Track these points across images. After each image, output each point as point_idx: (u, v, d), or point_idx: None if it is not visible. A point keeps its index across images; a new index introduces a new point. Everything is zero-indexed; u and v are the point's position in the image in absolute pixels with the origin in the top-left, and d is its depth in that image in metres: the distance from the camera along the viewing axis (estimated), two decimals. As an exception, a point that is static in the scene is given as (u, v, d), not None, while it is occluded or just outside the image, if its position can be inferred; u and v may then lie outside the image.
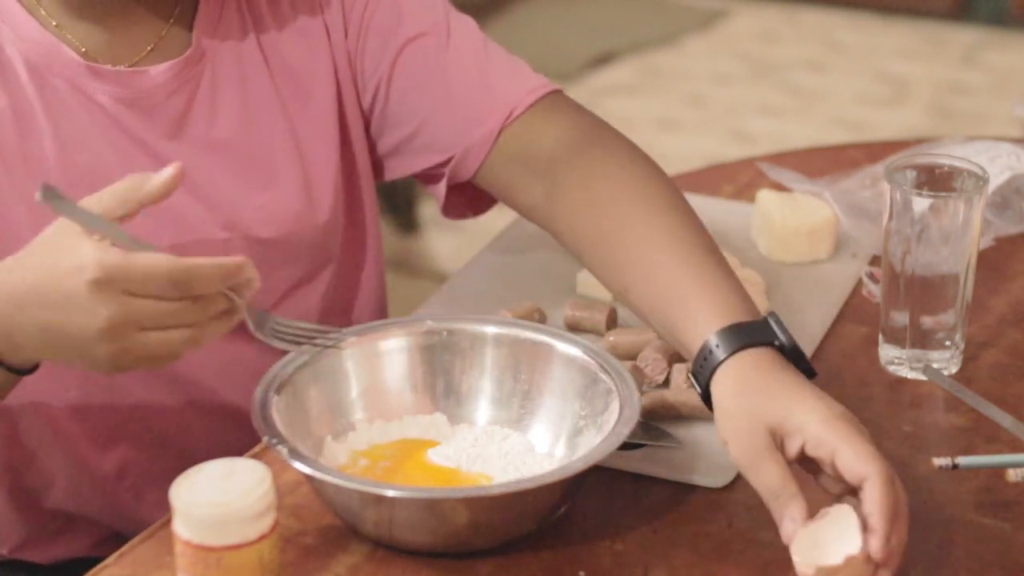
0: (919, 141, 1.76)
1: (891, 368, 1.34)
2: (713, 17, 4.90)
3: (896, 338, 1.33)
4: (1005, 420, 1.24)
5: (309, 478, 1.08)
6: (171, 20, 1.30)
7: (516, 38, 4.50)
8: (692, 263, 1.19)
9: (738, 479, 1.18)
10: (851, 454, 1.04)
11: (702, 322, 1.14)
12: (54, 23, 1.26)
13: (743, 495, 1.16)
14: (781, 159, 1.74)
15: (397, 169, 1.43)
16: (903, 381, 1.33)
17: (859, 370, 1.34)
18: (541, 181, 1.33)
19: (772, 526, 1.13)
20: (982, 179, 1.30)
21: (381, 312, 1.48)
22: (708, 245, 1.22)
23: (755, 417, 1.08)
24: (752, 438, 1.07)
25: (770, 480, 1.06)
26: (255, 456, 1.15)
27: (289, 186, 1.35)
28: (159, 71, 1.28)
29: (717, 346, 1.11)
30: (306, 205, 1.35)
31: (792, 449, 1.07)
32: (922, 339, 1.32)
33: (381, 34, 1.37)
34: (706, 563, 1.10)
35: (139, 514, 1.35)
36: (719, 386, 1.11)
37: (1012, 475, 1.11)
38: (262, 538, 0.96)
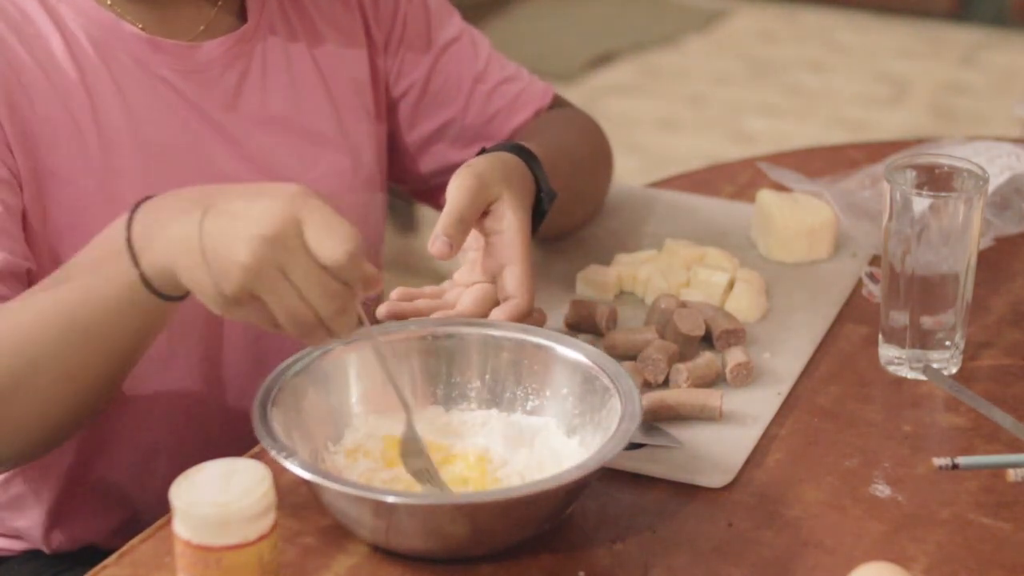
0: (919, 141, 1.76)
1: (891, 368, 1.34)
2: (713, 17, 4.90)
3: (896, 338, 1.33)
4: (1005, 420, 1.23)
5: (308, 483, 1.08)
6: (219, 3, 1.35)
7: (516, 38, 4.50)
8: (553, 145, 1.41)
9: (738, 479, 1.18)
10: (517, 273, 1.24)
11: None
12: (108, 2, 1.30)
13: (743, 495, 1.17)
14: (781, 159, 1.74)
15: (431, 160, 1.52)
16: (903, 381, 1.33)
17: (859, 370, 1.34)
18: None
19: (772, 526, 1.13)
20: (982, 179, 1.30)
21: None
22: (575, 154, 1.47)
23: (489, 176, 1.26)
24: (475, 179, 1.24)
25: (461, 201, 1.23)
26: (255, 456, 1.15)
27: (339, 160, 1.40)
28: (213, 45, 1.33)
29: (502, 147, 1.33)
30: (353, 177, 1.41)
31: (487, 223, 1.26)
32: (922, 339, 1.32)
33: (414, 40, 1.47)
34: (706, 563, 1.10)
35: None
36: (488, 153, 1.31)
37: (1012, 475, 1.11)
38: (262, 538, 0.96)
